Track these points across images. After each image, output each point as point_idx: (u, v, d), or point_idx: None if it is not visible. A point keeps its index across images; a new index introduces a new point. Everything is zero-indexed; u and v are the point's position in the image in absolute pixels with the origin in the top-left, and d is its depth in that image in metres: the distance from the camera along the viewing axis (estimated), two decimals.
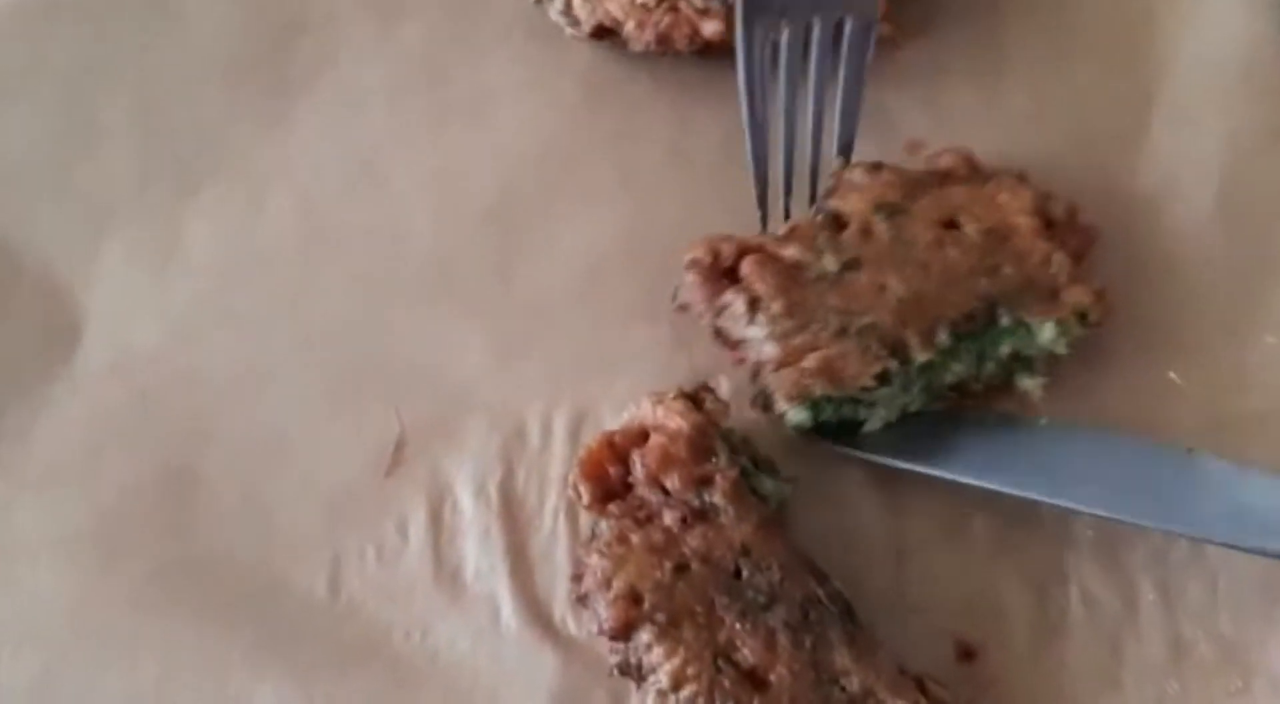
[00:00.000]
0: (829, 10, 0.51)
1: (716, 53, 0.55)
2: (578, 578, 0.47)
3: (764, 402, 0.50)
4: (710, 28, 0.55)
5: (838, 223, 0.52)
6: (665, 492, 0.47)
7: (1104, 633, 0.49)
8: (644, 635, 0.45)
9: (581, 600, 0.47)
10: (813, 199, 0.53)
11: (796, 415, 0.49)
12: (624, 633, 0.45)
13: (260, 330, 0.55)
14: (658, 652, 0.45)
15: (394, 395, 0.54)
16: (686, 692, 0.44)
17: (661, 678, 0.45)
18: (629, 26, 0.56)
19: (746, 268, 0.51)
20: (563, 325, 0.55)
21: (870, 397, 0.49)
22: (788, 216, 0.53)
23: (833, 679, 0.45)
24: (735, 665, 0.45)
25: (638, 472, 0.48)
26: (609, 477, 0.48)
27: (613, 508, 0.47)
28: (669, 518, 0.47)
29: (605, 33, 0.57)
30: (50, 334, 0.56)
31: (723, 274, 0.51)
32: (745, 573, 0.46)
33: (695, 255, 0.52)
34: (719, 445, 0.48)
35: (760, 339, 0.50)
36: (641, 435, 0.48)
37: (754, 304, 0.50)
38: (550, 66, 0.59)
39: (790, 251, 0.51)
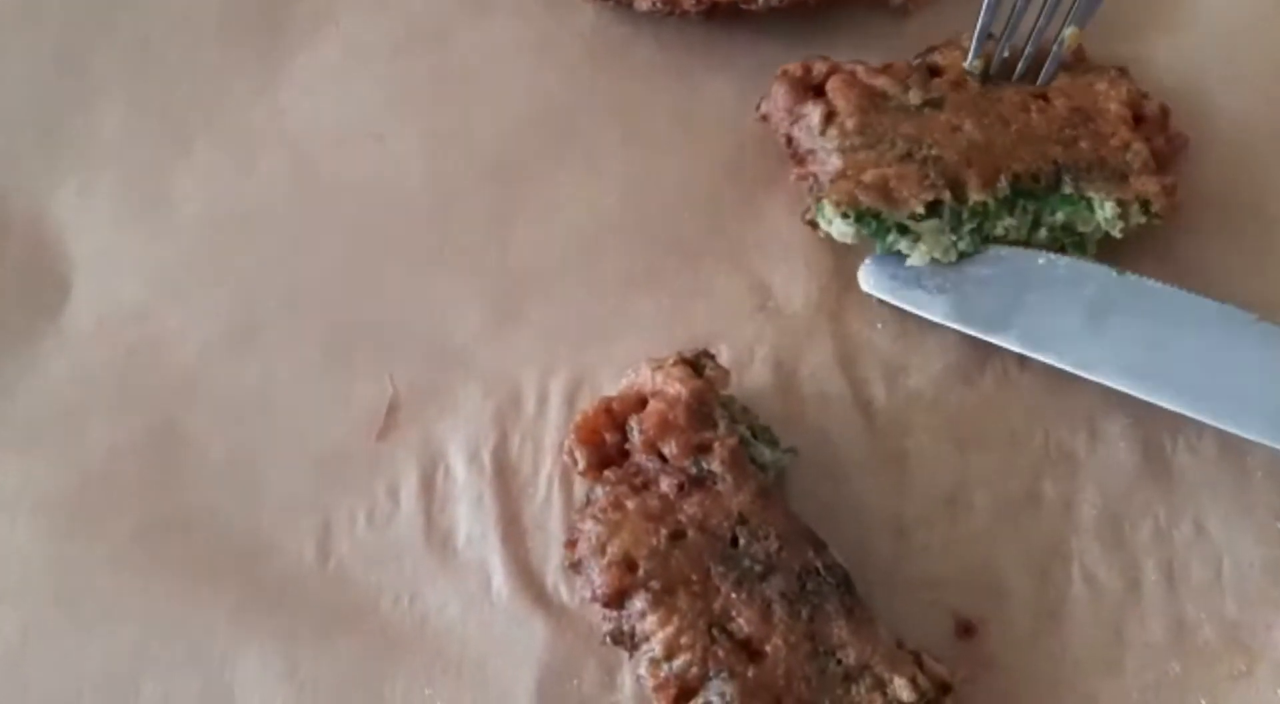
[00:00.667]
0: None
1: (723, 14, 0.54)
2: (571, 544, 0.46)
3: (814, 212, 0.51)
4: None
5: (933, 72, 0.53)
6: (662, 458, 0.46)
7: (1105, 612, 0.48)
8: (637, 603, 0.44)
9: (575, 567, 0.46)
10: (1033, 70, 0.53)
11: (841, 227, 0.50)
12: (617, 600, 0.44)
13: (250, 289, 0.54)
14: (651, 620, 0.44)
15: (387, 358, 0.53)
16: (680, 661, 0.43)
17: (654, 646, 0.44)
18: None
19: (831, 84, 0.52)
20: (561, 291, 0.54)
21: (917, 227, 0.50)
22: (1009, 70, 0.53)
23: (829, 651, 0.44)
24: (730, 635, 0.44)
25: (635, 438, 0.47)
26: (605, 443, 0.47)
27: (608, 474, 0.47)
28: (666, 485, 0.46)
29: None
30: (38, 288, 0.55)
31: (809, 89, 0.53)
32: (742, 542, 0.45)
33: (788, 67, 0.53)
34: (718, 413, 0.47)
35: (827, 151, 0.51)
36: (639, 401, 0.47)
37: (829, 117, 0.51)
38: (553, 26, 0.57)
39: (879, 81, 0.52)
